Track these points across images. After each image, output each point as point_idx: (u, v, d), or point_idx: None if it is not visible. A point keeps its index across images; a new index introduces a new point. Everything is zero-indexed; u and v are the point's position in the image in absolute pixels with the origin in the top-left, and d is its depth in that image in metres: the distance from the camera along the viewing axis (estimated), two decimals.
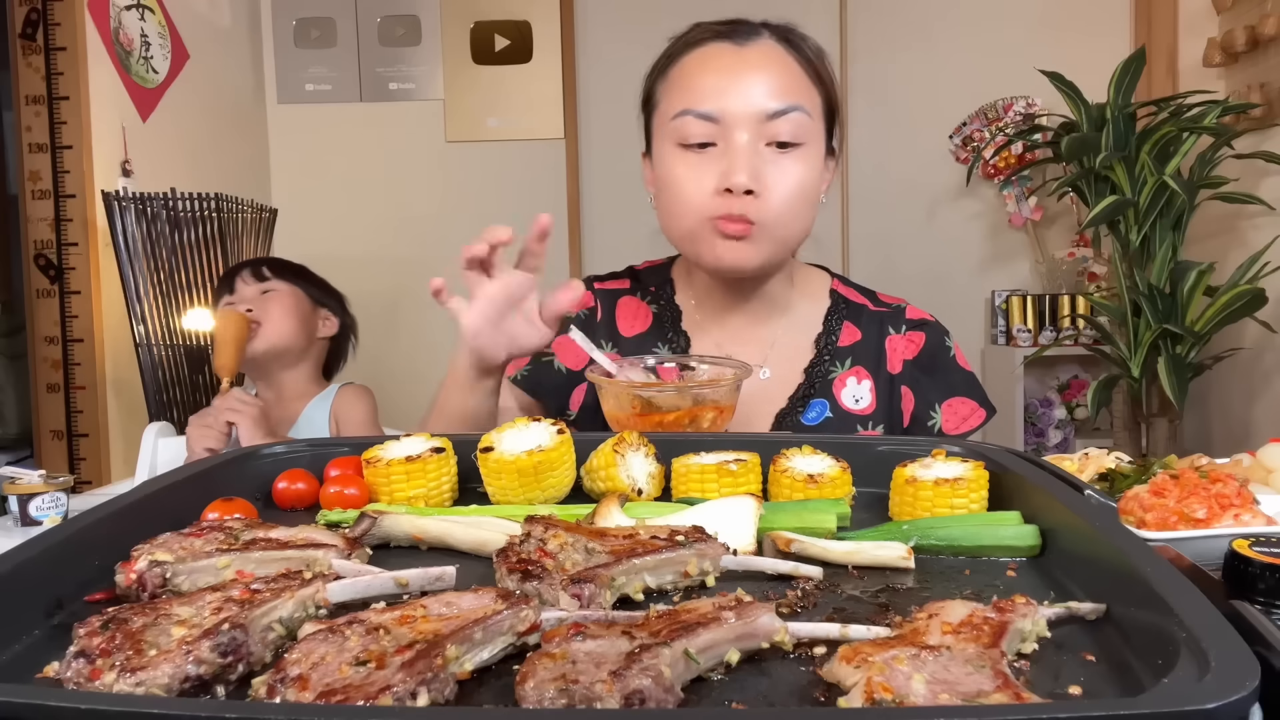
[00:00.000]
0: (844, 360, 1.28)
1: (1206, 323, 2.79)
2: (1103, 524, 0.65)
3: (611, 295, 1.36)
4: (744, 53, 1.18)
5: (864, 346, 1.29)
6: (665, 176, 1.21)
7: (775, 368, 1.28)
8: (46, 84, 2.51)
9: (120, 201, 2.38)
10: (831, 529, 0.76)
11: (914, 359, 1.29)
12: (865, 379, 1.27)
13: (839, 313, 1.32)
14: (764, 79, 1.16)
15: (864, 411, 1.26)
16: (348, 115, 3.70)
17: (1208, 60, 3.17)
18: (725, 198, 1.15)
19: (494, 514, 0.81)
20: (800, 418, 1.25)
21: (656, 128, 1.25)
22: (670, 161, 1.20)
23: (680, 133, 1.18)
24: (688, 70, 1.21)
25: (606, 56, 3.68)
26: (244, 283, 2.04)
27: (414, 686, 0.46)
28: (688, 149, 1.18)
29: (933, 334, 1.31)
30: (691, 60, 1.21)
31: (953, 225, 3.69)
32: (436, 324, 3.74)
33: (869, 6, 3.62)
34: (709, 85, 1.17)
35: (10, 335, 3.75)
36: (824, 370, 1.27)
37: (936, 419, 1.28)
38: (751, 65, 1.17)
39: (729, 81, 1.16)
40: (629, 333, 1.33)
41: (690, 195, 1.17)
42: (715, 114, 1.16)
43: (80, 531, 0.68)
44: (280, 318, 2.00)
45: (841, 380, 1.27)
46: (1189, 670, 0.45)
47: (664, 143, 1.22)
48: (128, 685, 0.48)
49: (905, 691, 0.46)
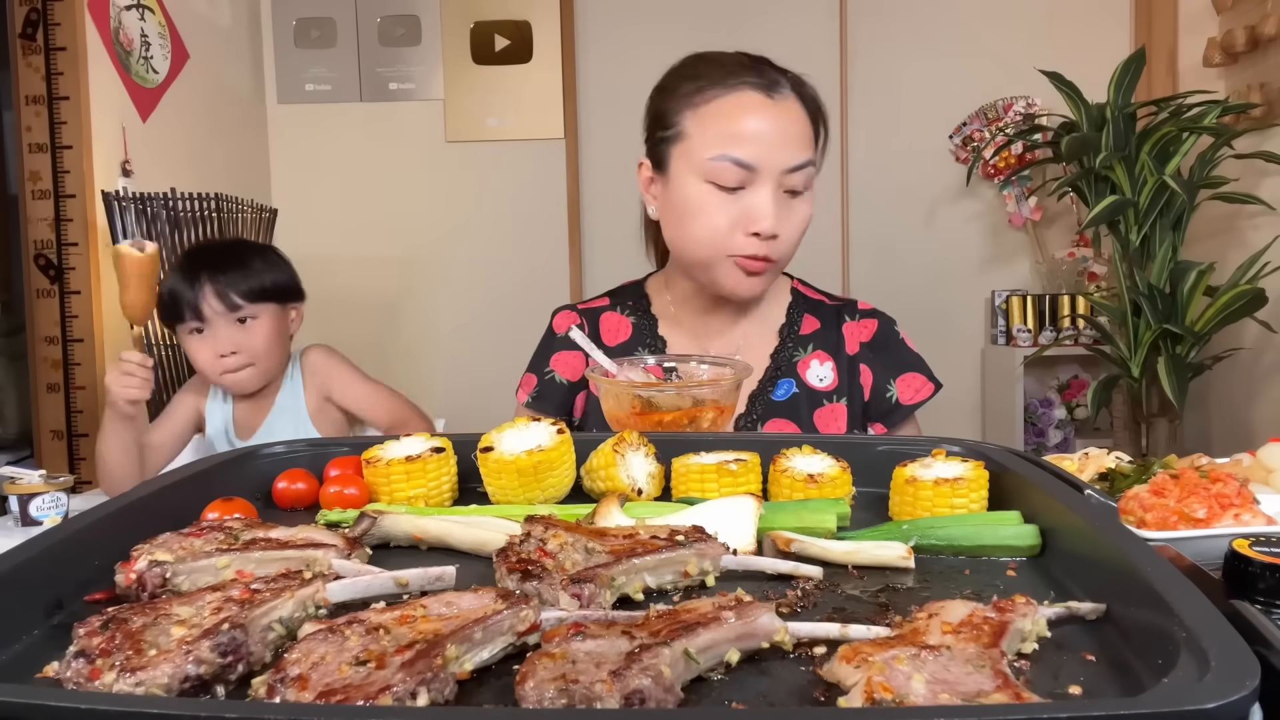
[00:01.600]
0: (806, 346, 1.44)
1: (1206, 323, 2.79)
2: (1103, 524, 0.65)
3: (594, 313, 1.50)
4: (776, 108, 1.30)
5: (823, 333, 1.45)
6: (689, 207, 1.32)
7: (746, 356, 1.42)
8: (46, 84, 2.51)
9: (120, 201, 2.38)
10: (831, 529, 0.76)
11: (868, 342, 1.45)
12: (827, 360, 1.43)
13: (799, 307, 1.48)
14: (790, 134, 1.30)
15: (828, 388, 1.42)
16: (348, 115, 3.69)
17: (1208, 60, 3.17)
18: (750, 240, 1.29)
19: (494, 514, 0.81)
20: (770, 395, 1.40)
21: (680, 155, 1.34)
22: (696, 194, 1.31)
23: (715, 173, 1.29)
24: (724, 114, 1.30)
25: (606, 56, 3.68)
26: (215, 311, 1.84)
27: (414, 686, 0.46)
28: (716, 188, 1.30)
29: (883, 321, 1.47)
30: (730, 104, 1.30)
31: (953, 225, 3.68)
32: (436, 323, 3.74)
33: (869, 6, 3.62)
34: (746, 134, 1.28)
35: (10, 335, 3.75)
36: (789, 355, 1.43)
37: (893, 391, 1.43)
38: (782, 122, 1.30)
39: (764, 133, 1.28)
40: (614, 342, 1.47)
41: (716, 231, 1.30)
42: (751, 163, 1.28)
43: (80, 531, 0.68)
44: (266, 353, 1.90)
45: (805, 363, 1.43)
46: (1189, 670, 0.45)
47: (691, 174, 1.32)
48: (128, 685, 0.48)
49: (905, 691, 0.46)
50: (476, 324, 3.73)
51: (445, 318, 3.74)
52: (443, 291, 3.73)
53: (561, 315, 1.51)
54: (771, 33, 3.55)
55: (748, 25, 3.61)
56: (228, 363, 1.88)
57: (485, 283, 3.72)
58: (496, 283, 3.72)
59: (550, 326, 1.51)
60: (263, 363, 1.92)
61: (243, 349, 1.88)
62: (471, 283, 3.72)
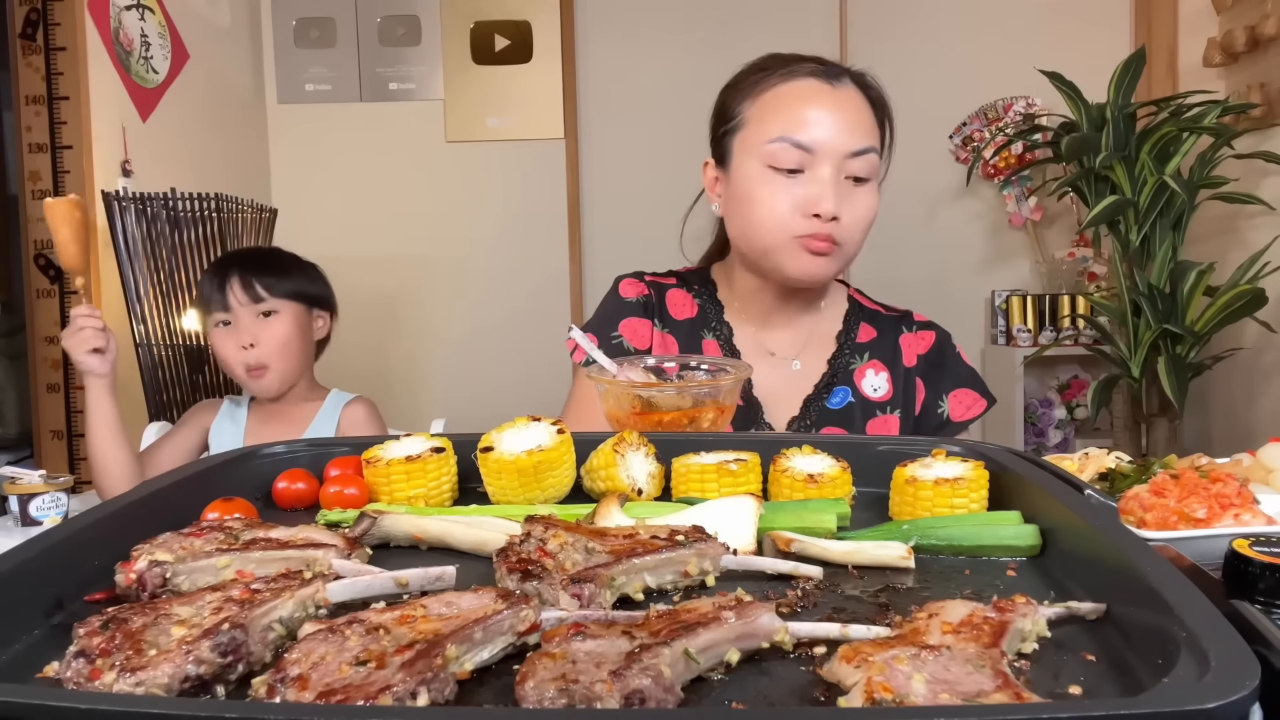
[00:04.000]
0: (862, 354, 1.43)
1: (1206, 323, 2.79)
2: (1103, 524, 0.65)
3: (661, 286, 1.48)
4: (836, 94, 1.31)
5: (880, 343, 1.44)
6: (750, 192, 1.32)
7: (804, 360, 1.43)
8: (46, 84, 2.51)
9: (120, 201, 2.38)
10: (831, 529, 0.76)
11: (925, 354, 1.44)
12: (882, 370, 1.42)
13: (856, 315, 1.48)
14: (850, 120, 1.30)
15: (882, 399, 1.41)
16: (348, 115, 3.69)
17: (1208, 60, 3.17)
18: (811, 221, 1.29)
19: (494, 514, 0.81)
20: (825, 402, 1.40)
21: (740, 144, 1.35)
22: (756, 179, 1.32)
23: (773, 156, 1.29)
24: (784, 99, 1.32)
25: (606, 56, 3.68)
26: (239, 302, 1.89)
27: (414, 686, 0.46)
28: (777, 171, 1.30)
29: (940, 333, 1.47)
30: (788, 91, 1.32)
31: (953, 225, 3.68)
32: (437, 323, 3.74)
33: (869, 6, 3.62)
34: (806, 117, 1.29)
35: (10, 335, 3.75)
36: (845, 362, 1.43)
37: (944, 407, 1.42)
38: (841, 106, 1.30)
39: (824, 117, 1.29)
40: (679, 317, 1.46)
41: (778, 214, 1.30)
42: (809, 145, 1.28)
43: (80, 531, 0.68)
44: (285, 355, 1.91)
45: (861, 371, 1.42)
46: (1189, 670, 0.45)
47: (751, 161, 1.32)
48: (128, 685, 0.48)
49: (905, 691, 0.46)
50: (476, 324, 3.73)
51: (445, 317, 3.74)
52: (443, 291, 3.73)
53: (628, 282, 1.48)
54: (772, 33, 3.55)
55: (748, 26, 3.61)
56: (248, 357, 1.90)
57: (485, 283, 3.72)
58: (496, 283, 3.72)
59: (616, 291, 1.47)
60: (279, 363, 1.91)
61: (261, 342, 1.90)
62: (471, 283, 3.73)
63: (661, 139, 3.61)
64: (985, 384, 1.45)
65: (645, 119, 3.62)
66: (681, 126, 3.85)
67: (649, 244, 3.64)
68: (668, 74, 3.60)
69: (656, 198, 3.64)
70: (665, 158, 3.63)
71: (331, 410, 2.01)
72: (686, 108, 3.81)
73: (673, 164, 3.70)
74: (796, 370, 1.42)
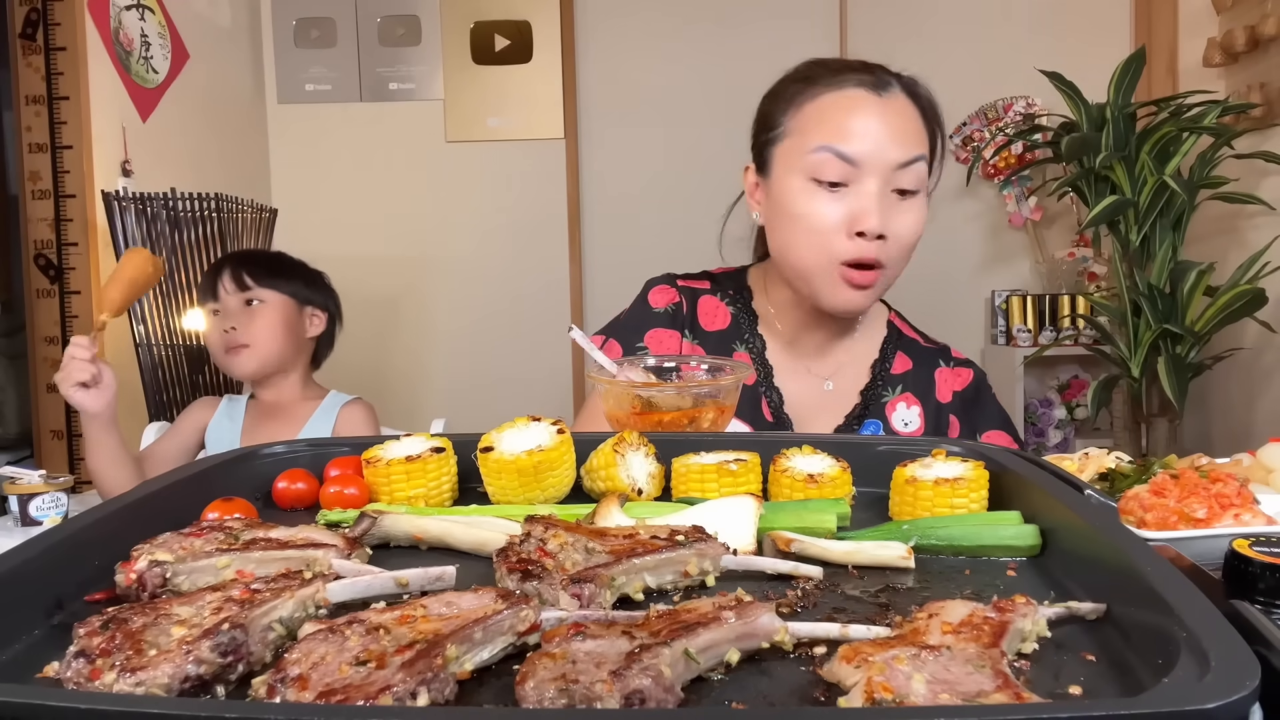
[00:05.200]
0: (895, 386, 1.38)
1: (1206, 323, 2.79)
2: (1103, 524, 0.65)
3: (693, 292, 1.42)
4: (883, 104, 1.25)
5: (915, 376, 1.39)
6: (793, 207, 1.26)
7: (838, 384, 1.39)
8: (46, 84, 2.51)
9: (120, 201, 2.38)
10: (831, 529, 0.76)
11: (962, 391, 1.40)
12: (915, 405, 1.38)
13: (893, 343, 1.42)
14: (898, 129, 1.24)
15: (913, 434, 1.36)
16: (348, 115, 3.69)
17: (1208, 60, 3.17)
18: (856, 241, 1.22)
19: (494, 514, 0.81)
20: (855, 432, 1.35)
21: (782, 155, 1.29)
22: (798, 193, 1.25)
23: (816, 168, 1.23)
24: (830, 109, 1.25)
25: (606, 56, 3.68)
26: (226, 291, 1.95)
27: (414, 686, 0.46)
28: (820, 184, 1.24)
29: (977, 372, 1.43)
30: (834, 100, 1.26)
31: (953, 225, 3.68)
32: (437, 323, 3.74)
33: (869, 6, 3.62)
34: (853, 128, 1.23)
35: (10, 335, 3.75)
36: (878, 394, 1.38)
37: None
38: (888, 115, 1.24)
39: (871, 128, 1.23)
40: (710, 328, 1.40)
41: (822, 231, 1.24)
42: (855, 156, 1.22)
43: (80, 531, 0.68)
44: (268, 338, 1.94)
45: (893, 405, 1.37)
46: (1189, 670, 0.45)
47: (792, 173, 1.26)
48: (128, 685, 0.48)
49: (905, 691, 0.46)
50: (476, 324, 3.73)
51: (445, 318, 3.74)
52: (443, 291, 3.73)
53: (659, 289, 1.42)
54: (771, 33, 3.55)
55: (748, 26, 3.61)
56: (228, 338, 1.93)
57: (485, 283, 3.73)
58: (496, 283, 3.72)
59: (645, 298, 1.42)
60: (261, 348, 1.93)
61: (243, 328, 1.93)
62: (471, 283, 3.73)
63: (662, 139, 3.61)
64: (1015, 428, 1.41)
65: (645, 119, 3.62)
66: (682, 126, 3.86)
67: (649, 244, 3.65)
68: (668, 74, 3.60)
69: (657, 198, 3.65)
70: (665, 158, 3.64)
71: (329, 410, 2.02)
72: (687, 108, 3.83)
73: (673, 164, 3.72)
74: (829, 391, 1.38)
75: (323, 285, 2.10)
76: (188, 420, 2.03)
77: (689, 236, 3.34)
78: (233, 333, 1.93)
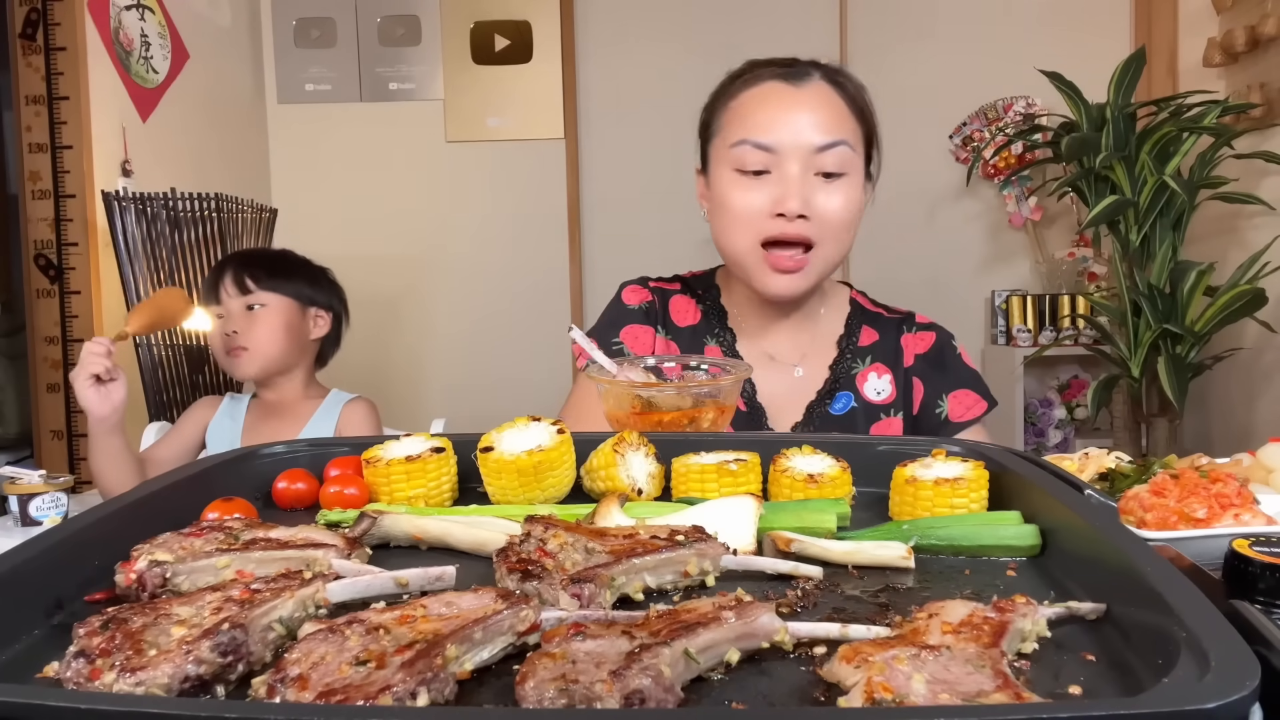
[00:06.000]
0: (864, 358, 1.43)
1: (1206, 323, 2.79)
2: (1103, 524, 0.65)
3: (664, 293, 1.49)
4: (798, 93, 1.31)
5: (882, 345, 1.44)
6: (721, 198, 1.33)
7: (806, 366, 1.42)
8: (46, 84, 2.51)
9: (120, 201, 2.38)
10: (831, 529, 0.76)
11: (924, 354, 1.43)
12: (885, 373, 1.42)
13: (858, 318, 1.46)
14: (814, 116, 1.29)
15: (885, 401, 1.41)
16: (348, 115, 3.69)
17: (1208, 60, 3.17)
18: (778, 221, 1.28)
19: (494, 514, 0.81)
20: (828, 408, 1.40)
21: (714, 152, 1.37)
22: (727, 185, 1.32)
23: (738, 160, 1.30)
24: (747, 104, 1.33)
25: (606, 56, 3.68)
26: (227, 294, 1.94)
27: (414, 686, 0.46)
28: (744, 174, 1.31)
29: (941, 334, 1.46)
30: (751, 96, 1.33)
31: (953, 225, 3.68)
32: (436, 323, 3.74)
33: (869, 6, 3.62)
34: (766, 119, 1.30)
35: (10, 335, 3.75)
36: (847, 367, 1.42)
37: (944, 407, 1.41)
38: (804, 103, 1.30)
39: (784, 117, 1.29)
40: (682, 324, 1.46)
41: (746, 217, 1.30)
42: (771, 145, 1.29)
43: (80, 531, 0.68)
44: (268, 341, 1.94)
45: (863, 375, 1.42)
46: (1189, 670, 0.45)
47: (721, 167, 1.34)
48: (128, 685, 0.48)
49: (905, 691, 0.46)
50: (476, 324, 3.73)
51: (445, 318, 3.74)
52: (443, 291, 3.73)
53: (631, 289, 1.48)
54: (771, 33, 3.55)
55: (748, 26, 3.61)
56: (229, 340, 1.94)
57: (485, 283, 3.73)
58: (496, 283, 3.72)
59: (619, 298, 1.48)
60: (261, 351, 1.94)
61: (244, 332, 1.93)
62: (471, 283, 3.73)
63: (661, 139, 3.61)
64: (987, 386, 1.44)
65: (645, 119, 3.62)
66: (681, 127, 3.85)
67: (649, 244, 3.65)
68: (668, 74, 3.60)
69: (656, 198, 3.65)
70: (665, 158, 3.63)
71: (331, 409, 2.02)
72: (686, 108, 3.81)
73: (672, 164, 3.71)
74: (799, 377, 1.42)
75: (327, 284, 2.10)
76: (190, 420, 2.03)
77: (689, 236, 3.35)
78: (234, 336, 1.93)
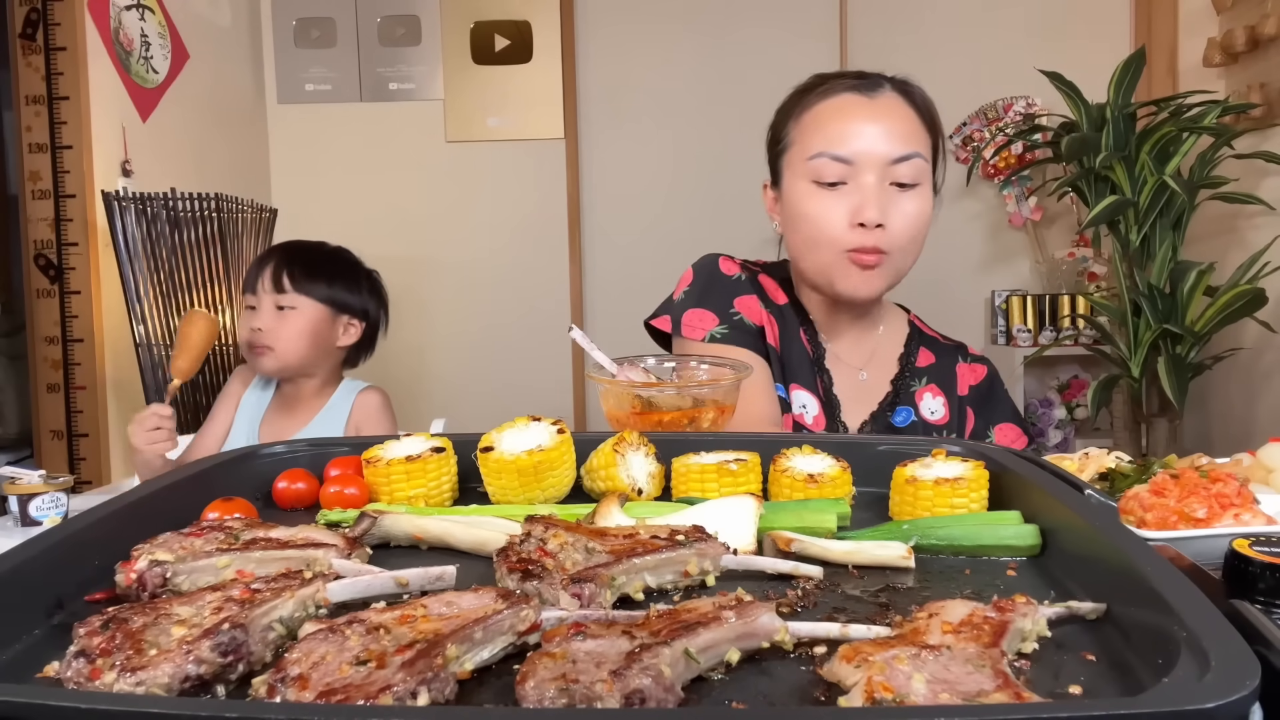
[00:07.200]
0: (921, 378, 1.46)
1: (1206, 323, 2.79)
2: (1103, 524, 0.65)
3: (752, 269, 1.48)
4: (873, 104, 1.33)
5: (938, 369, 1.48)
6: (799, 211, 1.35)
7: (870, 374, 1.45)
8: (46, 84, 2.51)
9: (120, 201, 2.38)
10: (831, 529, 0.76)
11: (976, 385, 1.48)
12: (939, 396, 1.45)
13: (916, 340, 1.51)
14: (889, 127, 1.32)
15: (939, 422, 1.44)
16: (348, 115, 3.69)
17: (1208, 60, 3.17)
18: (858, 231, 1.30)
19: (494, 514, 0.81)
20: (890, 419, 1.43)
21: (788, 165, 1.38)
22: (804, 197, 1.34)
23: (816, 172, 1.32)
24: (822, 117, 1.35)
25: (606, 56, 3.68)
26: (263, 289, 1.95)
27: (414, 686, 0.46)
28: (821, 186, 1.32)
29: (991, 368, 1.51)
30: (825, 108, 1.35)
31: (953, 225, 3.68)
32: (436, 323, 3.74)
33: (869, 6, 3.62)
34: (844, 131, 1.32)
35: (10, 335, 3.75)
36: (907, 383, 1.45)
37: (991, 438, 1.45)
38: (879, 115, 1.33)
39: (861, 128, 1.31)
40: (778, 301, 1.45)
41: (827, 229, 1.32)
42: (848, 157, 1.31)
43: (80, 531, 0.68)
44: (292, 345, 1.94)
45: (920, 394, 1.45)
46: (1189, 670, 0.45)
47: (798, 180, 1.35)
48: (128, 685, 0.48)
49: (905, 691, 0.46)
50: (476, 324, 3.73)
51: (445, 317, 3.74)
52: (443, 291, 3.73)
53: (724, 260, 1.46)
54: (772, 34, 3.55)
55: (748, 26, 3.61)
56: (254, 336, 1.95)
57: (485, 282, 3.72)
58: (496, 282, 3.72)
59: (717, 268, 1.45)
60: (283, 353, 1.94)
61: (269, 331, 1.93)
62: (471, 282, 3.72)
63: (661, 139, 3.61)
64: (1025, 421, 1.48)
65: (645, 119, 3.62)
66: (682, 126, 3.86)
67: (649, 244, 3.65)
68: (668, 74, 3.60)
69: (657, 198, 3.65)
70: (665, 158, 3.64)
71: (344, 397, 2.04)
72: (686, 108, 3.83)
73: (673, 164, 3.72)
74: (864, 381, 1.45)
75: (368, 290, 2.11)
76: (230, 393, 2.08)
77: (689, 236, 3.35)
78: (258, 333, 1.93)
